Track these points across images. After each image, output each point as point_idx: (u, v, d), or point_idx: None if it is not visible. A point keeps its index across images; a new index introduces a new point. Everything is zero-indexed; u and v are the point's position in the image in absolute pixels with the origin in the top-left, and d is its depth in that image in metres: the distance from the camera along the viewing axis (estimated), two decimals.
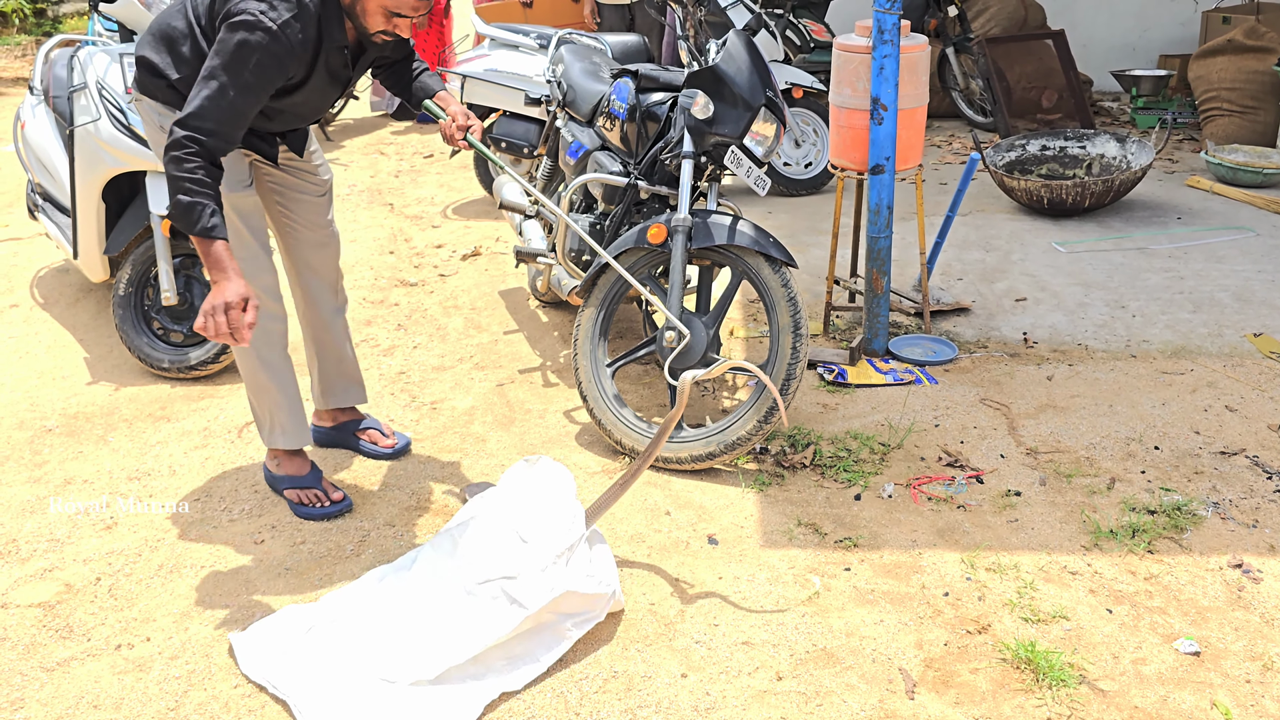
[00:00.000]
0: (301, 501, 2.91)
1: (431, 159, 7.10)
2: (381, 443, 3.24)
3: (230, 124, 2.46)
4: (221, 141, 2.45)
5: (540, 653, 2.31)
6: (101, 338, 4.16)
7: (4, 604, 2.55)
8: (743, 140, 3.14)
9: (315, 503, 2.91)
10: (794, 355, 2.97)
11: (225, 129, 2.45)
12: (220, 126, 2.44)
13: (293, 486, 2.93)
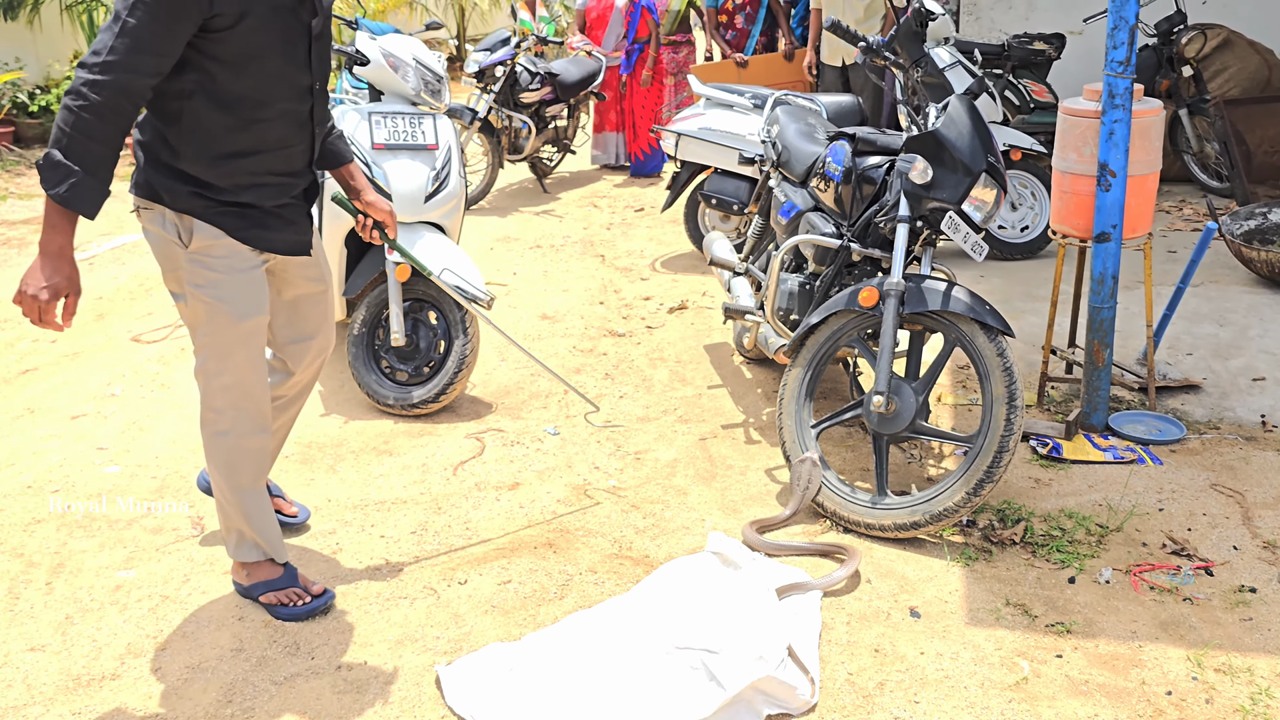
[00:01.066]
0: (281, 603, 2.73)
1: (642, 212, 7.30)
2: (286, 510, 3.16)
3: (132, 66, 2.15)
4: (125, 87, 2.16)
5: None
6: (335, 373, 4.48)
7: (240, 618, 2.77)
8: (961, 206, 3.09)
9: (295, 601, 2.73)
10: (1007, 427, 2.88)
11: (126, 72, 2.15)
12: (123, 68, 2.14)
13: (268, 590, 2.75)
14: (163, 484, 3.56)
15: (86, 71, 2.15)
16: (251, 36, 2.29)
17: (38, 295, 2.22)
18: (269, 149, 2.45)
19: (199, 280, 2.45)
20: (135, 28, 2.15)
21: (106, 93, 2.14)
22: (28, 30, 9.96)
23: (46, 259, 2.22)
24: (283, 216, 2.54)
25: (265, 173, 2.47)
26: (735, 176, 5.38)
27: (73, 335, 5.05)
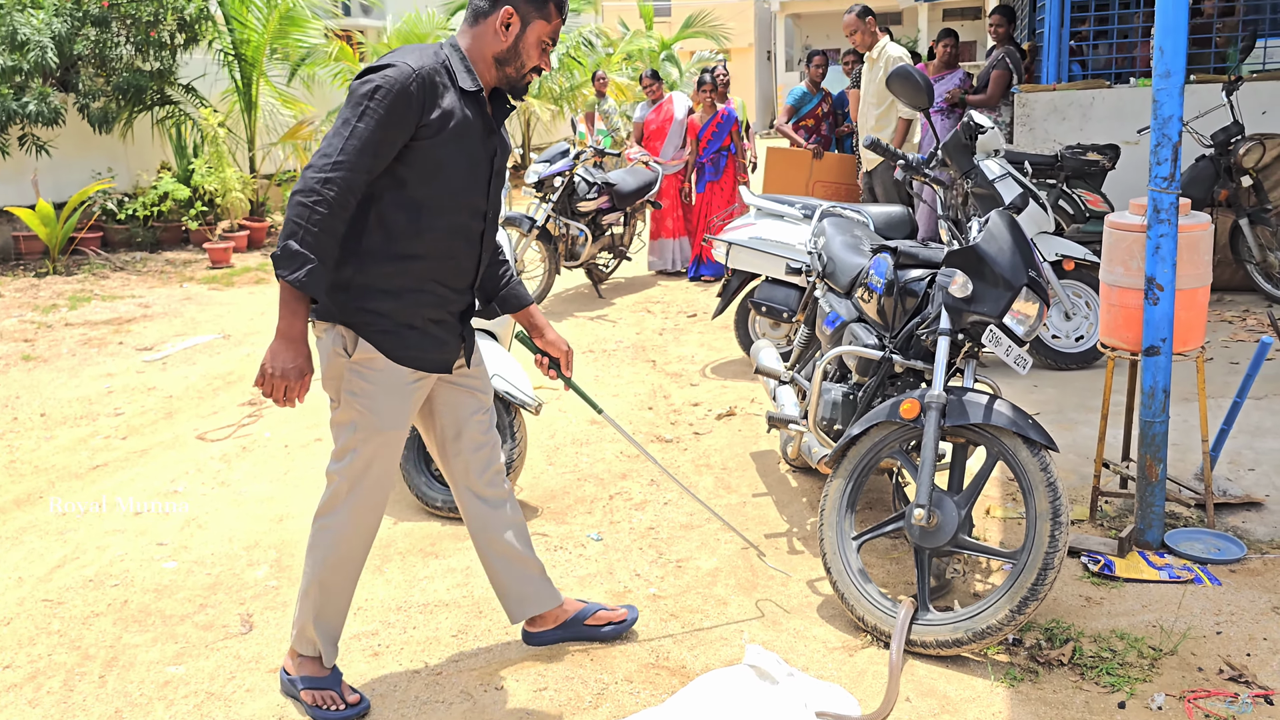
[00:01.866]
0: (317, 704, 2.78)
1: (695, 318, 7.40)
2: (615, 617, 3.13)
3: (355, 165, 2.41)
4: (348, 185, 2.40)
5: None
6: None
7: (280, 717, 2.80)
8: (1003, 319, 3.10)
9: (329, 705, 2.77)
10: (1052, 544, 2.83)
11: (350, 172, 2.40)
12: (347, 167, 2.40)
13: (309, 688, 2.81)
14: (216, 581, 3.64)
15: (318, 171, 2.40)
16: (444, 150, 2.54)
17: (285, 377, 2.45)
18: (437, 257, 2.65)
19: (355, 389, 2.64)
20: (362, 131, 2.41)
21: (336, 189, 2.39)
22: (120, 142, 10.56)
23: (289, 343, 2.46)
24: (436, 336, 2.72)
25: (430, 280, 2.65)
26: (785, 285, 5.45)
27: (142, 432, 5.24)
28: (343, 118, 2.44)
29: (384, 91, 2.41)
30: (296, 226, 2.39)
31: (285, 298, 2.45)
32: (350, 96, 2.46)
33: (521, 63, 2.63)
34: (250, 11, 11.02)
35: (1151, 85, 3.38)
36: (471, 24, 2.63)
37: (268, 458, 4.86)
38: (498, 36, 2.60)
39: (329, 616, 2.82)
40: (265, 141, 11.62)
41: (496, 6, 2.59)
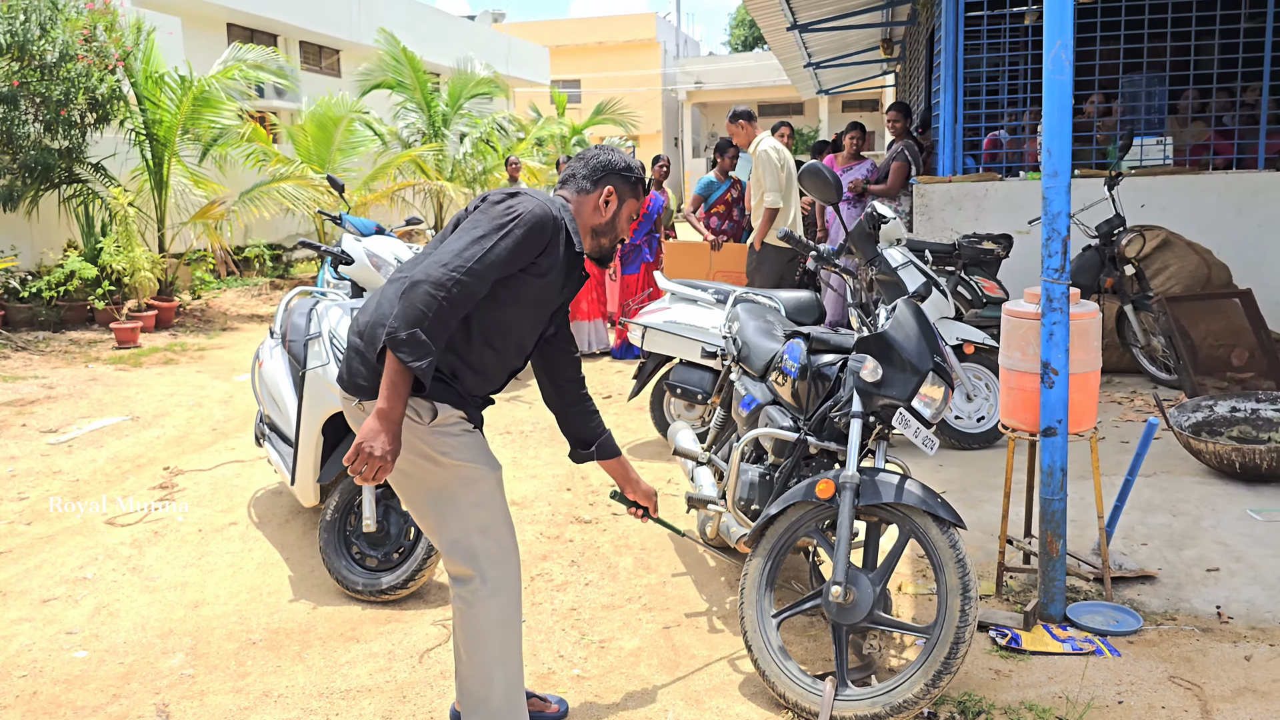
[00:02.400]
0: None
1: (610, 399, 7.49)
2: (549, 710, 3.19)
3: (481, 276, 2.55)
4: (473, 290, 2.54)
5: None
6: (305, 558, 4.51)
7: None
8: (911, 403, 3.26)
9: None
10: (963, 618, 2.95)
11: (476, 280, 2.54)
12: (479, 271, 2.54)
13: None
14: (130, 670, 3.54)
15: (452, 270, 2.53)
16: (535, 288, 2.76)
17: (384, 458, 2.48)
18: (489, 367, 2.83)
19: (446, 448, 2.71)
20: (495, 249, 2.59)
21: (463, 292, 2.53)
22: (25, 220, 10.33)
23: (390, 425, 2.50)
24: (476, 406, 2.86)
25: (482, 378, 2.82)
26: (699, 367, 5.58)
27: (48, 517, 5.08)
28: (483, 230, 2.61)
29: (525, 221, 2.63)
30: (423, 315, 2.48)
31: (395, 380, 2.50)
32: (490, 211, 2.66)
33: (616, 235, 2.94)
34: (164, 92, 10.97)
35: (1038, 179, 3.64)
36: (574, 194, 2.90)
37: (181, 542, 4.75)
38: (598, 211, 2.90)
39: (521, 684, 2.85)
40: (175, 221, 11.48)
41: (598, 185, 2.89)
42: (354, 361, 2.72)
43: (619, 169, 2.92)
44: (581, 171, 2.91)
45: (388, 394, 2.50)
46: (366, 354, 2.68)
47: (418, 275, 2.53)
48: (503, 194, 2.73)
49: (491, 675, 2.78)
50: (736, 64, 36.53)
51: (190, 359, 9.30)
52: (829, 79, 17.68)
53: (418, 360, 2.47)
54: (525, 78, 26.45)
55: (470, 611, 2.77)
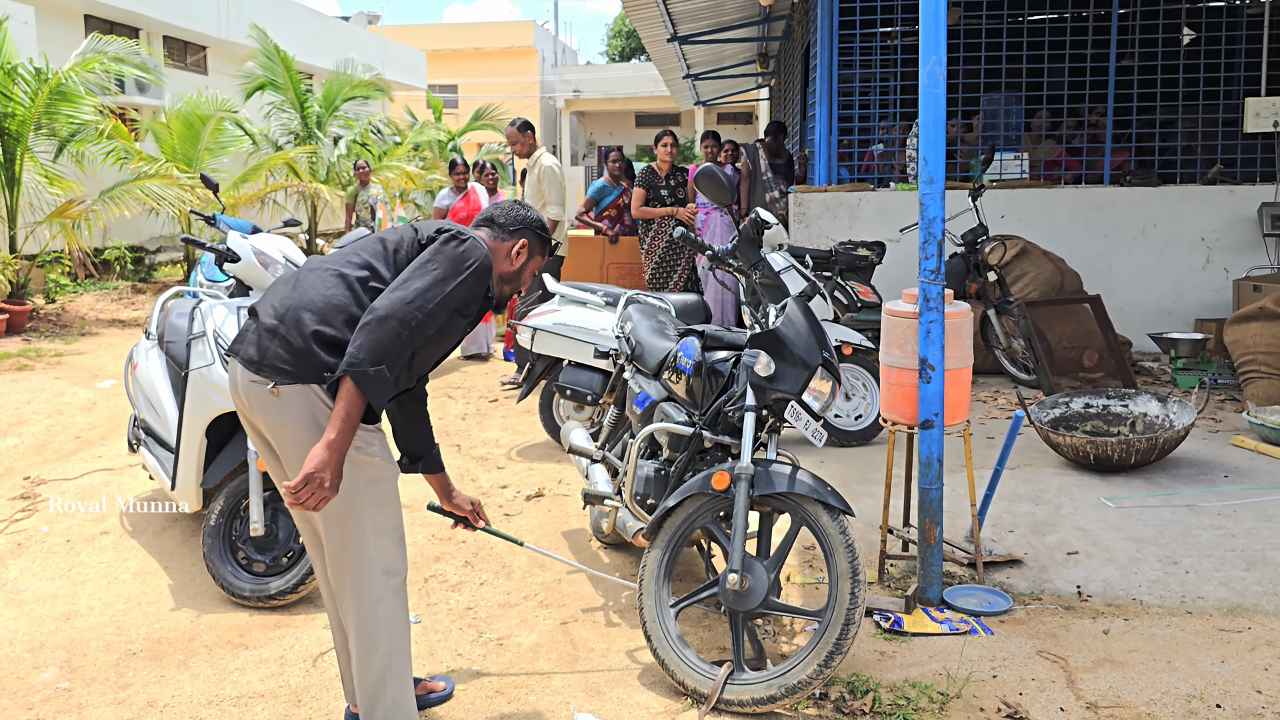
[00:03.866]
0: None
1: (496, 403, 7.48)
2: (437, 689, 3.24)
3: (436, 318, 2.65)
4: (427, 330, 2.63)
5: None
6: (185, 565, 4.37)
7: None
8: (801, 396, 3.39)
9: None
10: (853, 601, 3.09)
11: (431, 322, 2.64)
12: (436, 313, 2.64)
13: None
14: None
15: (414, 308, 2.60)
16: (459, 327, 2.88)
17: (330, 489, 2.53)
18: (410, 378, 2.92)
19: (360, 442, 2.72)
20: (452, 294, 2.68)
21: (421, 331, 2.61)
22: None
23: (338, 457, 2.54)
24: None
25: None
26: (588, 369, 5.64)
27: None
28: (442, 272, 2.69)
29: (477, 270, 2.75)
30: (386, 352, 2.55)
31: (353, 413, 2.54)
32: (448, 252, 2.73)
33: (517, 286, 3.04)
34: (17, 84, 10.43)
35: (908, 189, 3.84)
36: (491, 238, 2.98)
37: (47, 554, 4.54)
38: (509, 260, 2.99)
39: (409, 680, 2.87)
40: (28, 220, 10.91)
41: (514, 236, 2.99)
42: (271, 344, 2.67)
43: (534, 226, 3.03)
44: (501, 219, 3.00)
45: (342, 426, 2.53)
46: (289, 338, 2.65)
47: (383, 310, 2.58)
48: (454, 232, 2.78)
49: (384, 676, 2.79)
50: (614, 73, 36.83)
51: (47, 365, 8.85)
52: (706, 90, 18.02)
53: (380, 396, 2.55)
54: (402, 81, 26.06)
55: (360, 614, 2.77)
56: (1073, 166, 9.52)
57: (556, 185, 7.96)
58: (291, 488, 2.50)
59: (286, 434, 2.70)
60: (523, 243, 3.00)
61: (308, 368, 2.64)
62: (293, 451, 2.71)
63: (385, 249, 2.81)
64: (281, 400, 2.65)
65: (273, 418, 2.69)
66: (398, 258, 2.79)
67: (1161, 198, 8.40)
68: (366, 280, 2.72)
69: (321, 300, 2.68)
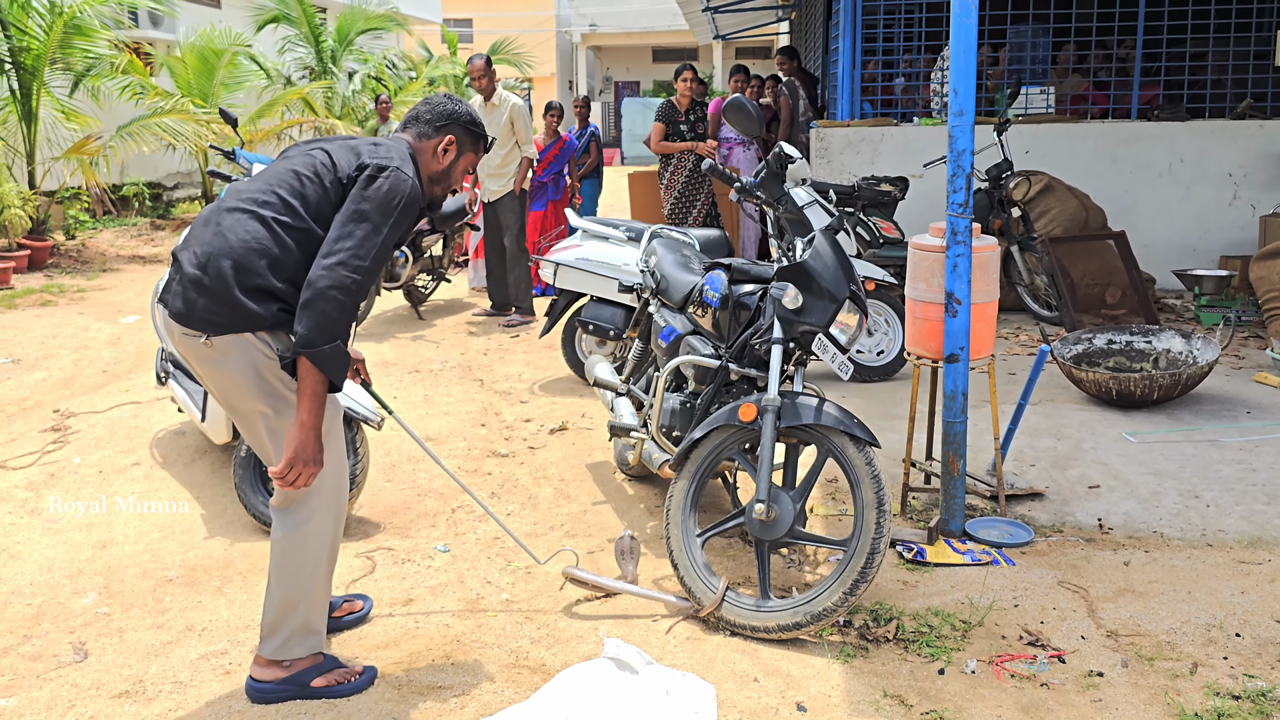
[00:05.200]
0: (337, 682, 2.91)
1: (518, 339, 7.50)
2: (357, 607, 3.35)
3: (380, 266, 2.63)
4: (370, 283, 2.60)
5: None
6: (216, 496, 4.44)
7: None
8: (828, 329, 3.40)
9: (348, 678, 2.92)
10: (878, 530, 3.12)
11: (376, 270, 2.62)
12: (375, 266, 2.61)
13: (319, 675, 2.91)
14: (40, 611, 3.46)
15: (352, 271, 2.57)
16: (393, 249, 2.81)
17: (315, 464, 2.63)
18: None
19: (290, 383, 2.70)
20: (387, 238, 2.65)
21: (364, 288, 2.60)
22: None
23: (316, 434, 2.61)
24: None
25: None
26: (611, 304, 5.66)
27: None
28: (374, 220, 2.64)
29: (406, 203, 2.68)
30: (336, 324, 2.55)
31: (317, 391, 2.59)
32: (373, 195, 2.65)
33: (449, 184, 2.93)
34: (31, 18, 10.34)
35: (932, 124, 3.79)
36: (415, 138, 2.88)
37: (81, 484, 4.62)
38: (435, 158, 2.88)
39: (325, 610, 2.95)
40: (46, 156, 10.89)
41: (440, 133, 2.88)
42: (197, 296, 2.63)
43: (462, 119, 2.91)
44: (426, 116, 2.90)
45: (311, 405, 2.59)
46: (215, 289, 2.61)
47: (323, 282, 2.54)
48: (374, 168, 2.68)
49: (297, 603, 2.86)
50: (631, 7, 36.22)
51: (70, 300, 8.91)
52: (725, 24, 17.71)
53: (340, 369, 2.59)
54: (416, 15, 25.67)
55: (292, 542, 2.83)
56: (1099, 101, 9.36)
57: (529, 124, 8.05)
58: (278, 474, 2.60)
59: (228, 383, 2.71)
60: (449, 138, 2.89)
61: (237, 318, 2.62)
62: (238, 400, 2.73)
63: (298, 181, 2.71)
64: (216, 351, 2.66)
65: (211, 368, 2.70)
66: (312, 192, 2.70)
67: (1189, 133, 8.27)
68: (285, 221, 2.66)
69: (242, 246, 2.62)
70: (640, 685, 2.80)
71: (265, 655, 2.88)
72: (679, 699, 2.78)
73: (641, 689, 2.79)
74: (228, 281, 2.59)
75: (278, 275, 2.63)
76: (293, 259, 2.65)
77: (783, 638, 3.16)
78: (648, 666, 2.88)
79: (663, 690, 2.78)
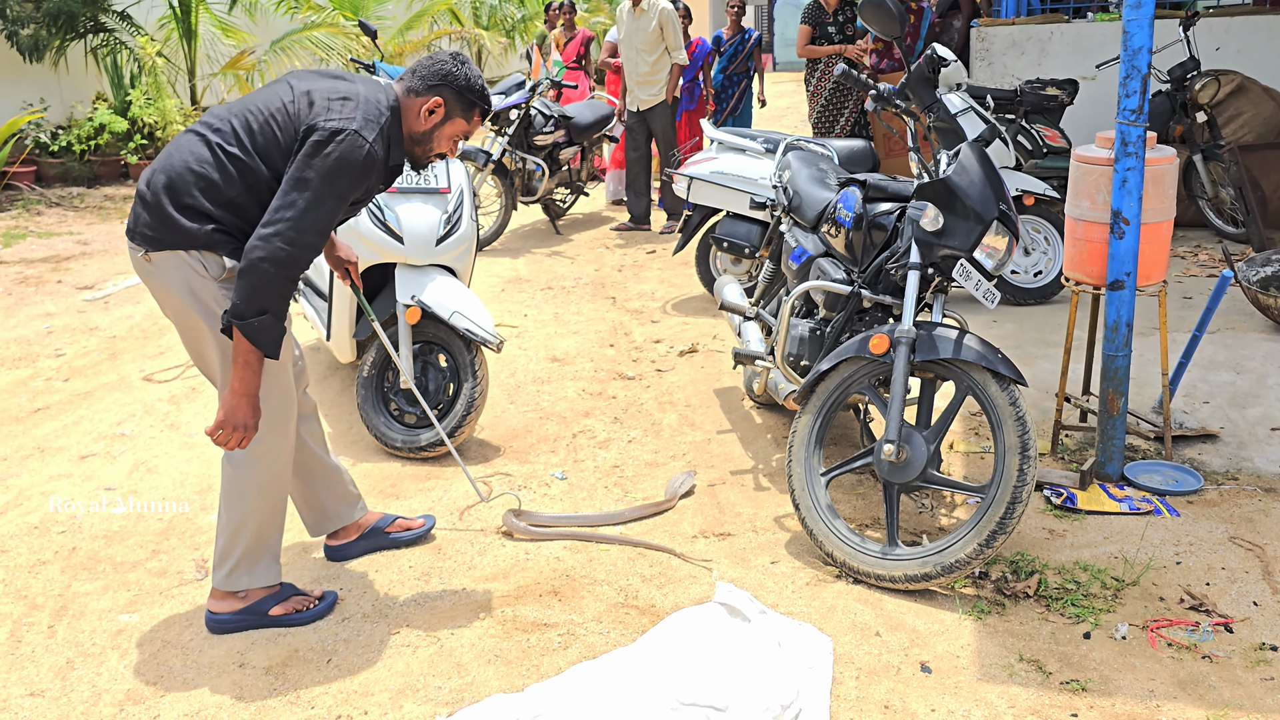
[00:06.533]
0: (296, 610, 2.89)
1: (654, 254, 7.32)
2: (413, 525, 3.31)
3: (322, 238, 2.58)
4: (311, 255, 2.56)
5: None
6: (343, 414, 4.47)
7: (241, 665, 2.74)
8: (972, 253, 3.07)
9: (305, 606, 2.90)
10: (1020, 478, 2.83)
11: (318, 242, 2.56)
12: (317, 239, 2.55)
13: (275, 604, 2.89)
14: (169, 526, 3.54)
15: (288, 244, 2.49)
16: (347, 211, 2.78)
17: (245, 430, 2.60)
18: None
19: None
20: (331, 208, 2.56)
21: (304, 262, 2.54)
22: (52, 71, 10.11)
23: (248, 400, 2.59)
24: None
25: None
26: (747, 220, 5.39)
27: (85, 374, 5.07)
28: (314, 189, 2.52)
29: (351, 169, 2.55)
30: (266, 296, 2.50)
31: (250, 360, 2.56)
32: (318, 160, 2.53)
33: (430, 149, 2.78)
34: None
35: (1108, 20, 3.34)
36: (404, 93, 2.74)
37: (216, 399, 4.72)
38: (419, 119, 2.73)
39: (275, 540, 2.90)
40: (205, 72, 11.21)
41: (429, 93, 2.72)
42: (140, 211, 2.65)
43: (456, 83, 2.74)
44: (420, 71, 2.75)
45: (244, 374, 2.56)
46: (153, 204, 2.62)
47: (257, 252, 2.48)
48: (329, 131, 2.55)
49: (241, 529, 2.81)
50: None
51: None
52: None
53: (272, 341, 2.54)
54: None
55: (237, 470, 2.79)
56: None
57: (679, 29, 7.74)
58: (210, 432, 2.60)
59: (166, 300, 2.71)
60: (436, 100, 2.72)
61: (173, 234, 2.60)
62: (177, 317, 2.73)
63: (255, 116, 2.63)
64: (155, 267, 2.66)
65: (153, 284, 2.70)
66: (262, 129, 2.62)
67: None
68: (230, 151, 2.60)
69: (183, 166, 2.61)
70: (752, 634, 2.64)
71: (217, 586, 2.86)
72: (792, 651, 2.61)
73: (753, 638, 2.63)
74: (161, 197, 2.60)
75: (213, 199, 2.61)
76: (233, 186, 2.61)
77: (909, 588, 2.93)
78: (761, 615, 2.71)
79: (775, 641, 2.61)
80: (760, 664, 2.53)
